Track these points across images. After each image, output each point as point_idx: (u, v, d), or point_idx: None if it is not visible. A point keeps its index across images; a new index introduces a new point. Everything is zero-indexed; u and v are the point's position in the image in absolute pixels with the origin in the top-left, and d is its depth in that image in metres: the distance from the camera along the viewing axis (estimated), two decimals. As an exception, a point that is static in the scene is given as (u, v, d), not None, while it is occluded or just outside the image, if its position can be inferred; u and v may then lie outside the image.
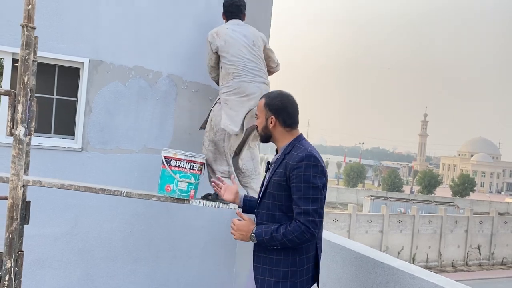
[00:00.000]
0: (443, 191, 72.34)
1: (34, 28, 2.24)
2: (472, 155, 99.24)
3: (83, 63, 3.73)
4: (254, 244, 2.29)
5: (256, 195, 3.68)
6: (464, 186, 69.31)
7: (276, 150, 2.41)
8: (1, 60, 3.63)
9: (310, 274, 2.26)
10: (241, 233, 2.29)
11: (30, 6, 2.19)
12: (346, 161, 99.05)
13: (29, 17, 2.19)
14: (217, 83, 3.73)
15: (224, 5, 3.72)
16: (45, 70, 3.67)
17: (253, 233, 2.23)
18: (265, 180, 2.36)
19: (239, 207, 2.72)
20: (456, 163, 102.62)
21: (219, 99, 3.56)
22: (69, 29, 3.68)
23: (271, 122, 2.31)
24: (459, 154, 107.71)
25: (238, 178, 3.72)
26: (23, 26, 2.21)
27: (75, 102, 3.81)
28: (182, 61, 4.06)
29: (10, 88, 3.55)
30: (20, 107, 2.20)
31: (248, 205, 2.67)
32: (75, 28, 3.69)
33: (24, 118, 2.23)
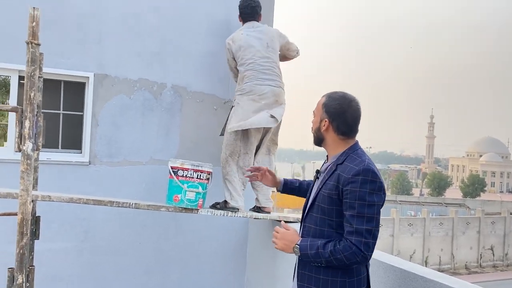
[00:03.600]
0: (453, 193, 71.67)
1: (39, 44, 2.27)
2: (481, 155, 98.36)
3: (88, 77, 3.77)
4: (298, 260, 2.12)
5: (265, 200, 3.69)
6: (474, 187, 68.63)
7: (327, 157, 2.20)
8: (8, 78, 3.67)
9: None
10: (285, 243, 2.07)
11: (34, 23, 2.22)
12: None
13: (33, 34, 2.22)
14: None
15: (239, 7, 3.79)
16: (51, 85, 3.71)
17: (297, 245, 2.01)
18: (313, 191, 2.15)
19: (278, 190, 2.64)
20: (465, 164, 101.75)
21: (234, 101, 3.64)
22: (74, 45, 3.72)
23: (324, 125, 2.09)
24: (467, 155, 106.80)
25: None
26: (28, 43, 2.24)
27: (82, 116, 3.84)
28: (186, 72, 4.09)
29: (18, 104, 3.59)
30: (27, 123, 2.23)
31: (288, 189, 2.61)
32: (80, 43, 3.74)
33: (31, 133, 2.26)
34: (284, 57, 3.86)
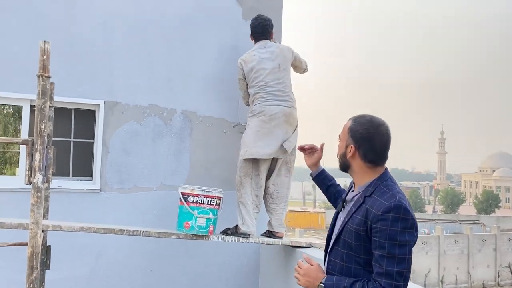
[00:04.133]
0: (467, 209, 70.58)
1: (49, 77, 2.29)
2: (493, 171, 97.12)
3: (98, 105, 3.80)
4: None
5: (278, 225, 3.64)
6: (488, 203, 67.59)
7: (353, 183, 2.05)
8: (20, 107, 3.71)
9: None
10: (308, 280, 1.93)
11: (45, 57, 2.25)
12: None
13: (44, 67, 2.24)
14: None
15: (250, 26, 3.82)
16: (62, 114, 3.74)
17: (322, 283, 1.88)
18: (339, 222, 2.00)
19: (310, 175, 2.50)
20: (478, 179, 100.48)
21: (246, 124, 3.72)
22: (84, 73, 3.76)
23: (350, 152, 1.93)
24: (480, 170, 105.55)
25: (265, 203, 3.69)
26: (39, 76, 2.26)
27: (92, 143, 3.86)
28: (196, 97, 4.11)
29: (29, 133, 3.62)
30: (37, 156, 2.23)
31: (320, 180, 2.45)
32: (90, 71, 3.78)
33: (41, 166, 2.26)
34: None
